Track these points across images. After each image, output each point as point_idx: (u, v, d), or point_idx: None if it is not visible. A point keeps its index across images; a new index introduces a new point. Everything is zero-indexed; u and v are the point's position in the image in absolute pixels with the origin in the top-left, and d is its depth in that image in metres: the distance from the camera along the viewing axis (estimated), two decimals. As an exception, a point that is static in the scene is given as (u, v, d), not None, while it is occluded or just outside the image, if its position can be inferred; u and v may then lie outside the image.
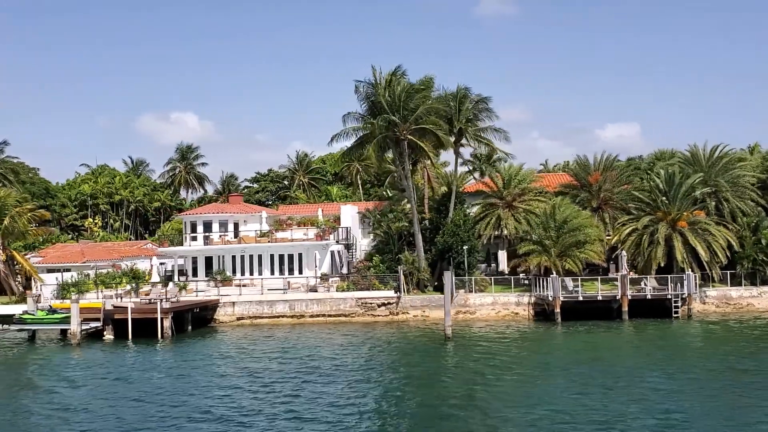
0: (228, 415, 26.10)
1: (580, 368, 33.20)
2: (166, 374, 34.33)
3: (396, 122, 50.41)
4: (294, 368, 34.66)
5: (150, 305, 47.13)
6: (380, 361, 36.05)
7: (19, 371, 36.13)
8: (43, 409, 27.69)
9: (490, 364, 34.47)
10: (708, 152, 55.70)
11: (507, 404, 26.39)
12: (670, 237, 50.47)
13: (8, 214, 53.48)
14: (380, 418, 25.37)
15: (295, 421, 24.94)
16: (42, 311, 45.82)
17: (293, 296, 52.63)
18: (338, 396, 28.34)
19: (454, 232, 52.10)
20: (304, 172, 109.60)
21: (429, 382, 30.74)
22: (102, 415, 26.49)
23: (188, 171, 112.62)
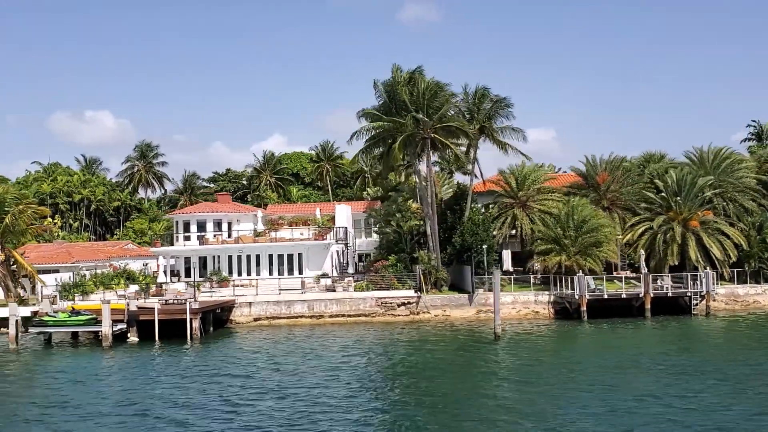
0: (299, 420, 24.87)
1: (667, 361, 33.84)
2: (226, 379, 32.56)
3: (422, 120, 50.04)
4: (356, 370, 33.96)
5: (177, 306, 45.50)
6: (449, 362, 35.55)
7: (78, 380, 33.51)
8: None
9: (563, 361, 34.64)
10: (712, 154, 57.36)
11: (631, 398, 26.48)
12: (684, 236, 51.75)
13: (9, 212, 50.73)
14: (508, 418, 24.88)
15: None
16: (64, 313, 43.62)
17: (312, 296, 51.67)
18: (446, 402, 27.07)
19: (473, 231, 52.12)
20: (271, 171, 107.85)
21: (523, 381, 30.43)
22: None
23: (147, 170, 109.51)
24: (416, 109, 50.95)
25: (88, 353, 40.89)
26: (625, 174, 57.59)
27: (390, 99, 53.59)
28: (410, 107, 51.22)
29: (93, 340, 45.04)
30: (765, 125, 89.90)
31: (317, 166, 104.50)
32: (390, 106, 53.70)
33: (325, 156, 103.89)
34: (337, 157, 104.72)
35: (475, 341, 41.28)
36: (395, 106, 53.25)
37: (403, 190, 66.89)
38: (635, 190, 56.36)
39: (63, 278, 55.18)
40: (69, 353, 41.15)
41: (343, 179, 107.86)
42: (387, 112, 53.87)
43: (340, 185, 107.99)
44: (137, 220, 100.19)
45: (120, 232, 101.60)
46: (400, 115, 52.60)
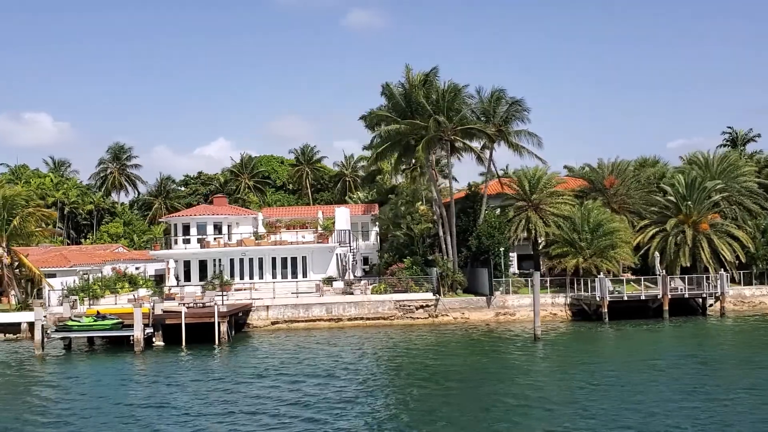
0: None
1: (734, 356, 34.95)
2: (270, 383, 31.80)
3: (443, 123, 49.95)
4: (395, 373, 33.69)
5: (205, 309, 44.46)
6: (509, 364, 35.44)
7: (136, 387, 32.63)
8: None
9: (609, 362, 35.07)
10: (717, 159, 58.66)
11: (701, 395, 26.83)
12: (696, 239, 52.75)
13: (18, 214, 48.98)
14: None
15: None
16: (88, 317, 42.16)
17: (330, 299, 51.08)
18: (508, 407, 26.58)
19: (490, 234, 52.22)
20: (249, 174, 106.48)
21: (590, 383, 30.50)
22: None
23: (121, 172, 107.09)
24: (435, 111, 50.83)
25: (118, 359, 39.51)
26: (634, 177, 58.40)
27: (405, 101, 53.37)
28: (429, 109, 51.05)
29: (108, 345, 43.70)
30: (740, 131, 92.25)
31: (297, 170, 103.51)
32: (404, 108, 53.48)
33: (305, 159, 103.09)
34: (317, 161, 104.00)
35: (515, 343, 41.28)
36: (411, 109, 53.06)
37: (402, 192, 66.86)
38: (643, 194, 57.19)
39: (68, 282, 53.34)
40: (100, 359, 39.74)
41: (322, 183, 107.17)
42: (401, 114, 53.66)
43: (318, 189, 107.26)
44: (112, 223, 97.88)
45: (93, 235, 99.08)
46: (416, 117, 52.46)
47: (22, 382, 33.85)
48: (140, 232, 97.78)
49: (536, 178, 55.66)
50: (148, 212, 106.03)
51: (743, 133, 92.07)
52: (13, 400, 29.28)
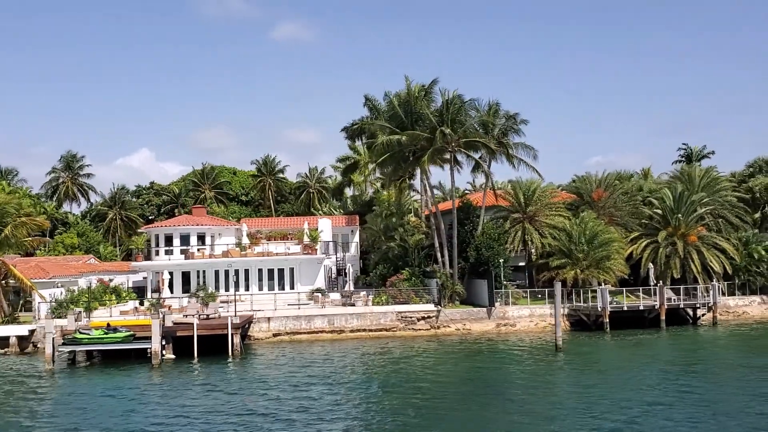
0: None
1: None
2: (304, 394, 31.81)
3: (449, 134, 50.06)
4: (446, 387, 33.69)
5: (218, 321, 43.33)
6: (537, 376, 35.60)
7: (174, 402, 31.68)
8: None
9: (636, 370, 35.68)
10: (699, 174, 60.50)
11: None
12: (686, 251, 54.21)
13: (10, 223, 46.83)
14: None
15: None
16: (98, 330, 40.50)
17: (332, 311, 50.45)
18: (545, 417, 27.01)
19: (490, 245, 52.49)
20: (211, 185, 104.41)
21: (656, 388, 31.03)
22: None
23: (73, 182, 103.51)
24: (440, 122, 50.92)
25: (133, 373, 38.01)
26: (621, 190, 59.64)
27: (405, 112, 53.34)
28: (433, 120, 51.11)
29: (106, 358, 42.04)
30: (695, 148, 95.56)
31: (259, 181, 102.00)
32: (403, 119, 53.41)
33: (267, 170, 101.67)
34: (279, 172, 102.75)
35: (537, 353, 41.50)
36: (411, 120, 53.03)
37: (384, 203, 66.57)
38: (631, 207, 58.48)
39: (54, 294, 51.23)
40: (114, 374, 37.96)
41: (281, 195, 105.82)
42: (399, 125, 53.55)
43: (279, 201, 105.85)
44: (66, 234, 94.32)
45: (45, 247, 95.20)
46: (416, 128, 52.47)
47: (44, 399, 32.20)
48: (96, 243, 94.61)
49: (531, 190, 56.27)
50: (102, 223, 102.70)
51: (698, 149, 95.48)
52: (45, 424, 27.45)
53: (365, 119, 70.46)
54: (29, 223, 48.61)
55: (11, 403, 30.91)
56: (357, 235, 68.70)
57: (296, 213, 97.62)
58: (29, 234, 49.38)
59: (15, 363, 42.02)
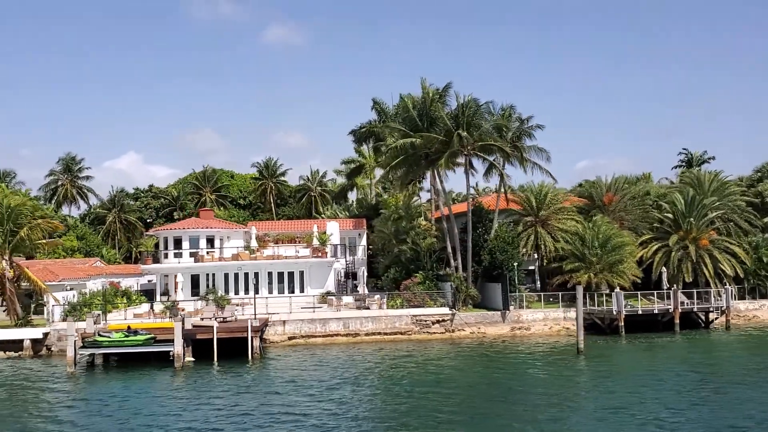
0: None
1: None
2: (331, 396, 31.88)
3: (465, 137, 50.08)
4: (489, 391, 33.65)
5: (238, 324, 43.14)
6: (566, 379, 35.71)
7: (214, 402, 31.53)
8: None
9: (664, 373, 35.82)
10: (709, 179, 60.79)
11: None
12: (698, 255, 54.44)
13: (26, 225, 46.47)
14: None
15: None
16: (118, 333, 40.20)
17: (347, 314, 50.31)
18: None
19: (504, 249, 52.54)
20: (212, 188, 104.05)
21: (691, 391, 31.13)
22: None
23: (72, 184, 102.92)
24: (455, 126, 50.96)
25: (156, 376, 37.78)
26: (631, 194, 59.82)
27: (419, 115, 53.36)
28: (449, 123, 51.15)
29: (121, 360, 41.75)
30: (695, 153, 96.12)
31: (260, 184, 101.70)
32: (417, 122, 53.40)
33: (269, 173, 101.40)
34: (280, 175, 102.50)
35: (559, 357, 41.52)
36: (425, 123, 53.03)
37: (391, 207, 66.45)
38: (642, 211, 58.67)
39: (67, 297, 50.91)
40: (136, 377, 37.59)
41: (281, 198, 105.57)
42: (414, 128, 53.53)
43: (279, 204, 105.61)
44: (66, 237, 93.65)
45: (44, 249, 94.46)
46: (431, 131, 52.48)
47: (73, 404, 31.87)
48: (95, 246, 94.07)
49: (543, 194, 56.38)
50: (101, 226, 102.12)
51: (698, 154, 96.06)
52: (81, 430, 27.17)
53: (373, 122, 70.50)
54: (44, 226, 48.15)
55: (42, 408, 30.64)
56: (364, 238, 68.64)
57: (297, 216, 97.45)
58: (43, 236, 48.86)
59: (33, 366, 41.58)
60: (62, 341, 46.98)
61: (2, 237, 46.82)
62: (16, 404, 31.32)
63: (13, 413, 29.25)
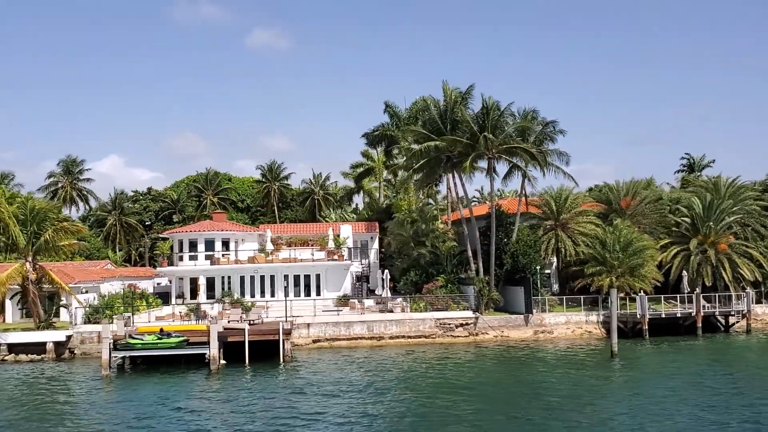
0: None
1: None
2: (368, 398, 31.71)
3: (491, 139, 50.06)
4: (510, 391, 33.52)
5: (268, 326, 42.86)
6: (611, 382, 35.75)
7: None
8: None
9: (703, 375, 36.09)
10: (725, 182, 61.18)
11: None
12: (719, 259, 54.74)
13: (50, 228, 45.99)
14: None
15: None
16: (151, 335, 39.75)
17: (371, 317, 50.09)
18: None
19: (527, 252, 52.57)
20: (214, 192, 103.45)
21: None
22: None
23: (73, 186, 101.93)
24: (480, 129, 50.97)
25: (192, 378, 37.42)
26: (648, 198, 60.03)
27: (442, 117, 53.36)
28: (473, 126, 51.18)
29: (145, 363, 41.33)
30: (696, 158, 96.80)
31: (264, 187, 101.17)
32: (440, 124, 53.38)
33: (272, 176, 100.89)
34: (284, 178, 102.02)
35: (593, 360, 41.53)
36: (448, 125, 53.00)
37: (402, 210, 66.34)
38: (658, 215, 58.89)
39: (88, 299, 50.36)
40: (172, 380, 37.19)
41: (283, 201, 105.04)
42: (436, 131, 53.49)
43: (281, 207, 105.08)
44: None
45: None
46: (454, 133, 52.48)
47: (117, 409, 31.45)
48: (95, 249, 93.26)
49: (563, 198, 56.47)
50: (101, 228, 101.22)
51: (699, 158, 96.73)
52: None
53: (386, 125, 70.45)
54: (69, 228, 47.67)
55: (86, 413, 30.18)
56: (376, 241, 68.49)
57: (300, 219, 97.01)
58: (67, 239, 48.33)
59: (62, 369, 41.08)
60: (85, 344, 46.74)
61: (26, 239, 46.26)
62: (60, 408, 30.84)
63: (63, 419, 28.72)
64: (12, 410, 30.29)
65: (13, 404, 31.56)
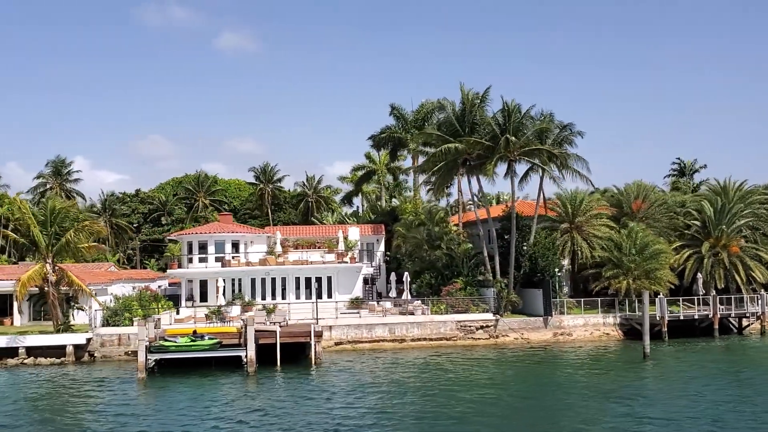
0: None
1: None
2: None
3: (513, 142, 50.14)
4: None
5: (299, 328, 42.46)
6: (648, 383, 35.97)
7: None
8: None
9: (749, 376, 36.49)
10: (733, 187, 61.96)
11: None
12: (731, 261, 55.44)
13: (72, 228, 45.09)
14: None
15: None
16: (184, 338, 39.11)
17: (393, 320, 49.90)
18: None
19: (545, 254, 52.75)
20: (206, 193, 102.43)
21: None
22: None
23: (62, 187, 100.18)
24: (501, 130, 51.05)
25: (228, 380, 36.86)
26: (658, 201, 60.56)
27: (459, 119, 53.37)
28: (495, 128, 51.28)
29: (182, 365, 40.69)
30: (687, 162, 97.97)
31: (259, 189, 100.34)
32: (458, 126, 53.38)
33: (266, 178, 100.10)
34: (277, 180, 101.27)
35: (625, 361, 41.73)
36: (466, 128, 53.01)
37: (407, 213, 66.16)
38: (668, 218, 59.44)
39: (106, 302, 49.48)
40: (207, 383, 36.65)
41: (276, 204, 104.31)
42: (454, 133, 53.49)
43: (273, 210, 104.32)
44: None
45: (35, 254, 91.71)
46: (473, 136, 52.51)
47: (166, 415, 30.82)
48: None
49: (578, 201, 56.76)
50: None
51: (690, 163, 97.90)
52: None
53: (392, 127, 70.32)
54: (92, 228, 46.82)
55: (144, 419, 29.57)
56: (382, 244, 68.24)
57: (293, 222, 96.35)
58: (87, 240, 47.42)
59: (88, 373, 40.26)
60: (106, 347, 45.92)
61: (46, 240, 45.31)
62: (114, 410, 30.19)
63: (119, 424, 28.07)
64: (57, 415, 29.63)
65: (54, 408, 30.94)
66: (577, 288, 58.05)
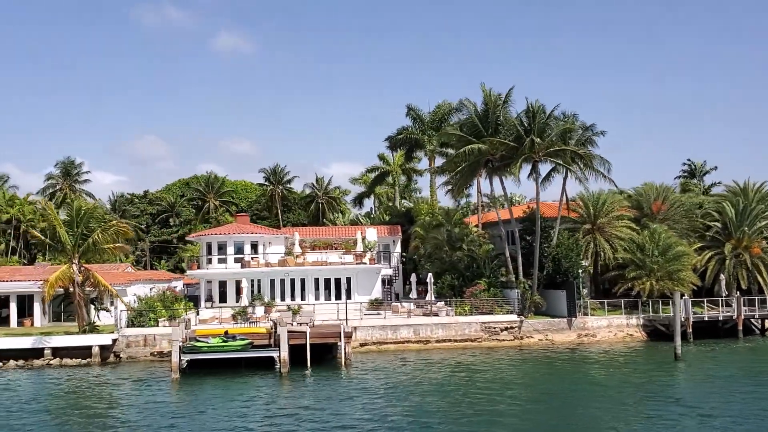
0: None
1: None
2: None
3: (538, 143, 50.05)
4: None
5: (328, 329, 42.30)
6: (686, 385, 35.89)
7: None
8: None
9: None
10: (754, 187, 61.96)
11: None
12: (753, 262, 55.43)
13: (97, 229, 44.92)
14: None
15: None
16: (216, 338, 38.95)
17: (418, 321, 49.75)
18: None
19: (569, 255, 52.66)
20: (215, 195, 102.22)
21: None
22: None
23: (71, 189, 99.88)
24: (525, 132, 50.98)
25: (261, 381, 36.67)
26: (678, 202, 60.48)
27: (482, 120, 53.28)
28: (519, 129, 51.20)
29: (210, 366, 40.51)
30: (698, 164, 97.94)
31: (269, 190, 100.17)
32: (481, 127, 53.28)
33: (276, 179, 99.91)
34: (287, 182, 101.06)
35: (656, 362, 41.61)
36: (489, 128, 52.92)
37: (423, 215, 66.08)
38: (690, 219, 59.36)
39: (129, 302, 49.28)
40: (240, 383, 36.44)
41: (286, 205, 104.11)
42: (476, 134, 53.39)
43: (283, 211, 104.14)
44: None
45: (45, 255, 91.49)
46: (496, 136, 52.42)
47: (215, 418, 30.69)
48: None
49: (600, 202, 56.67)
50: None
51: (700, 164, 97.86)
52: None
53: (408, 128, 70.19)
54: (118, 228, 46.66)
55: (188, 420, 29.40)
56: (399, 245, 68.11)
57: (303, 223, 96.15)
58: (114, 241, 47.23)
59: (118, 374, 40.06)
60: (131, 347, 45.71)
61: (73, 240, 45.12)
62: (155, 410, 30.01)
63: (165, 425, 27.90)
64: (98, 418, 29.48)
65: (92, 409, 30.77)
66: (598, 289, 57.92)
